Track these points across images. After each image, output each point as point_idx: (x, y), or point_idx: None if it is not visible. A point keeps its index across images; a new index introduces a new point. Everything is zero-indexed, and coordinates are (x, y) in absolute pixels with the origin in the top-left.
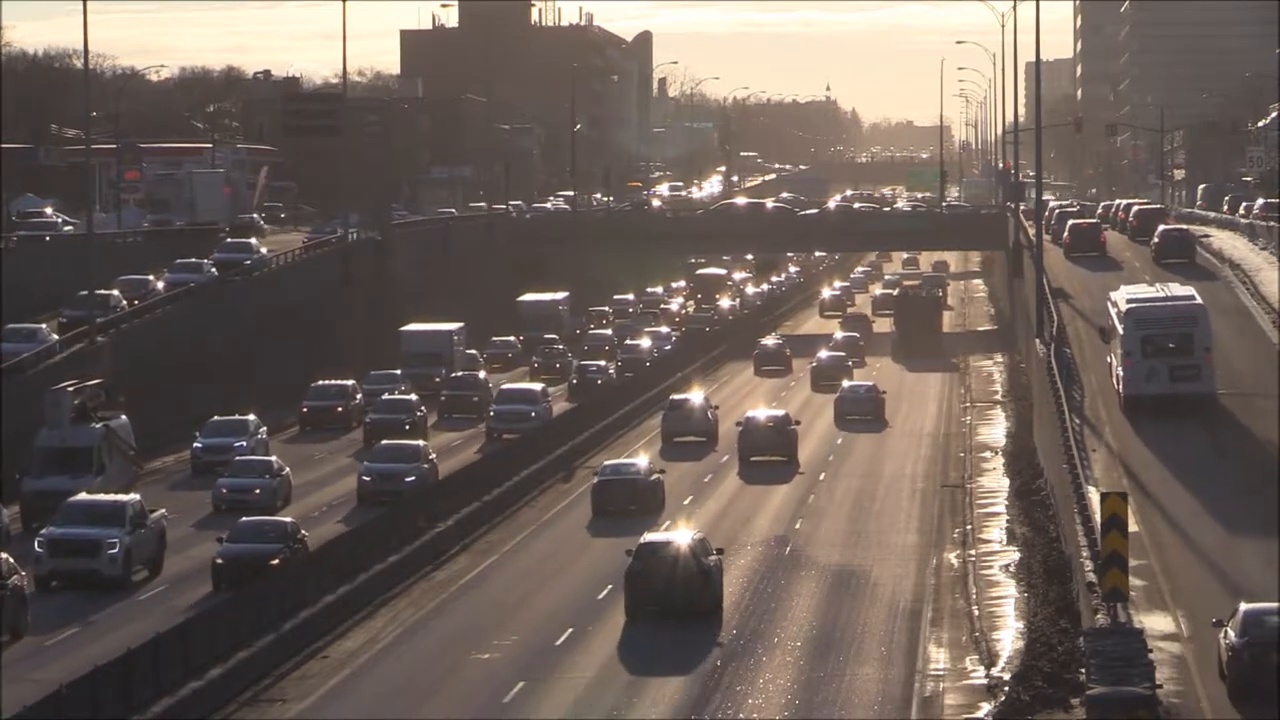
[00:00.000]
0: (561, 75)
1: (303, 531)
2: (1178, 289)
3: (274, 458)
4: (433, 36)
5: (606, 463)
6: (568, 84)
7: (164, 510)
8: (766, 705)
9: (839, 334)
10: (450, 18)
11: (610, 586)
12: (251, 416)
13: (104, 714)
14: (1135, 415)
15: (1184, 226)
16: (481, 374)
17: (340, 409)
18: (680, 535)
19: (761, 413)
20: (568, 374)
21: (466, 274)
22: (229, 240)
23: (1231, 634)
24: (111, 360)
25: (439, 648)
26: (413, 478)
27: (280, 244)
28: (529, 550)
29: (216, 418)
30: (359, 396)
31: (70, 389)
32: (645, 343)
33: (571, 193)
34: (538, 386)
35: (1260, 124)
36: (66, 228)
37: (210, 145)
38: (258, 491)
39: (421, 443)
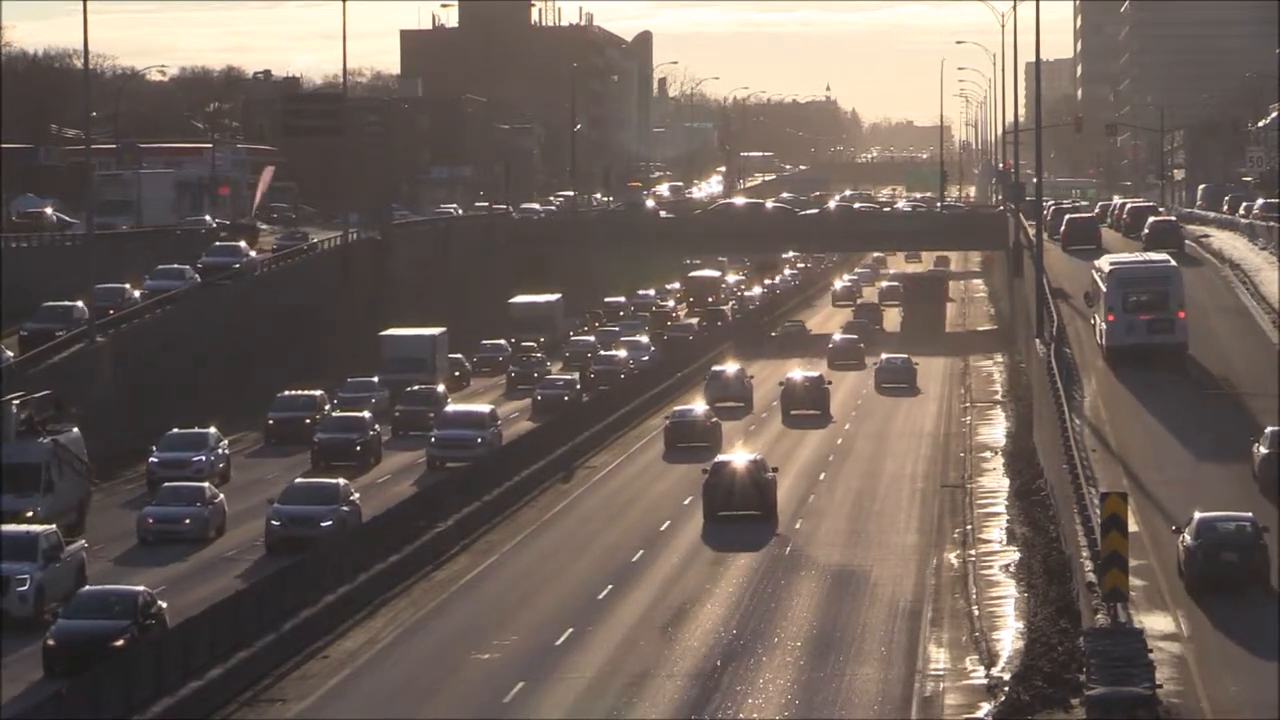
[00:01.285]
0: (561, 75)
1: (158, 604)
2: (1155, 255)
3: (206, 485)
4: (433, 36)
5: (675, 408)
6: (568, 84)
7: (83, 541)
8: (766, 705)
9: (851, 320)
10: (450, 18)
11: (610, 586)
12: (212, 430)
13: (104, 714)
14: (1117, 366)
15: (1172, 218)
16: (440, 388)
17: (308, 420)
18: (741, 456)
19: (799, 374)
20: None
21: (466, 274)
22: (218, 244)
23: (1188, 538)
24: (110, 363)
25: (439, 648)
26: (329, 522)
27: (272, 246)
28: (529, 550)
29: (175, 430)
30: (328, 407)
31: (16, 402)
32: (621, 353)
33: (571, 193)
34: (486, 408)
35: (1260, 124)
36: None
37: (210, 145)
38: (187, 521)
39: (341, 481)
